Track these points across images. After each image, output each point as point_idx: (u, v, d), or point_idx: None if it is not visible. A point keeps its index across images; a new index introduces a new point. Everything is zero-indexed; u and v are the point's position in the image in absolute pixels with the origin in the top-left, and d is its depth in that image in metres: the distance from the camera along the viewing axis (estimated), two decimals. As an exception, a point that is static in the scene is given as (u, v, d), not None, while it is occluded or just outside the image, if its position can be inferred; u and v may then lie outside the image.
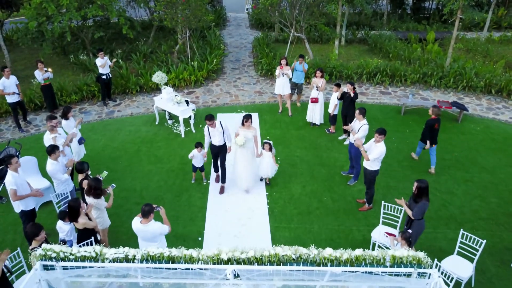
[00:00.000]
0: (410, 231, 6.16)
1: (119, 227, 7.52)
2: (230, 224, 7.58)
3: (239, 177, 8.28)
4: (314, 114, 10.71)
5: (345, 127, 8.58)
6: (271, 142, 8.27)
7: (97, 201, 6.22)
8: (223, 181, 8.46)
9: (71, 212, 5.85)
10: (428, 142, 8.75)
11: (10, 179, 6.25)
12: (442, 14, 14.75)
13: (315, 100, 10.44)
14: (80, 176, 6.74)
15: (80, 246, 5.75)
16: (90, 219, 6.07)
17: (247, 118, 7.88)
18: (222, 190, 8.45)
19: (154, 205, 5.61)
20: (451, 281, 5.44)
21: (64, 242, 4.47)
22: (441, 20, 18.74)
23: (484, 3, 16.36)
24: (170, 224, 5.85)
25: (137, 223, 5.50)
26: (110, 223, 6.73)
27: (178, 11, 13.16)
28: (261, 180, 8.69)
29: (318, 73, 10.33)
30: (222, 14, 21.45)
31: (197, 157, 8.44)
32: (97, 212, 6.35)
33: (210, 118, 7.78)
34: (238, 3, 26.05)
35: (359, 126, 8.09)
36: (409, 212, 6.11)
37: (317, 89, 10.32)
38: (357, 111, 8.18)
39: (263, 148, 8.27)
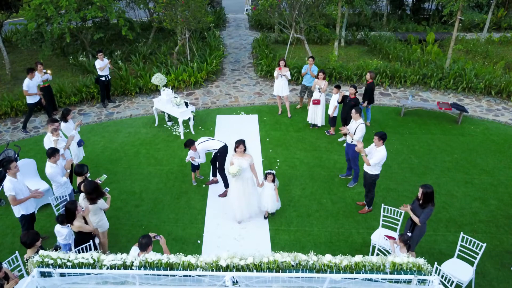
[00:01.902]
0: (409, 234, 6.15)
1: (119, 230, 7.51)
2: (229, 226, 7.56)
3: (233, 209, 7.51)
4: (316, 116, 10.68)
5: (342, 131, 8.51)
6: (274, 172, 7.36)
7: (92, 206, 6.18)
8: (226, 185, 8.35)
9: (68, 214, 5.84)
10: (366, 102, 10.38)
11: (8, 185, 6.21)
12: (442, 15, 14.72)
13: (317, 102, 10.39)
14: (79, 179, 6.72)
15: (77, 251, 5.72)
16: (86, 222, 6.04)
17: (238, 143, 6.91)
18: (224, 194, 8.36)
19: (153, 234, 5.31)
20: (451, 285, 5.43)
21: (56, 248, 4.43)
22: (440, 21, 18.71)
23: (483, 4, 16.31)
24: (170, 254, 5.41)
25: (134, 255, 4.94)
26: (109, 225, 6.71)
27: (177, 12, 13.14)
28: (265, 218, 7.75)
29: (321, 75, 10.27)
30: (222, 15, 21.40)
31: (195, 155, 8.21)
32: (94, 215, 6.32)
33: (188, 144, 8.01)
34: (238, 4, 26.01)
35: (356, 126, 8.07)
36: (416, 219, 6.03)
37: (320, 91, 10.28)
38: (353, 111, 8.14)
39: (265, 179, 7.35)
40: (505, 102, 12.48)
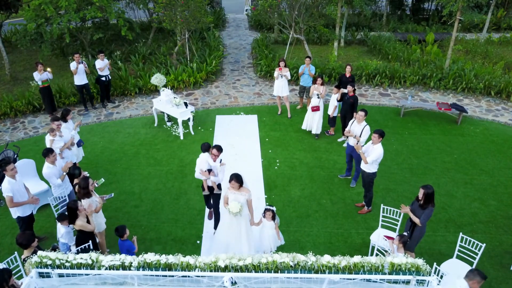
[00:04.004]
0: (405, 233, 6.15)
1: (118, 231, 7.49)
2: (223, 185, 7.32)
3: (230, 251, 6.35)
4: (313, 122, 10.24)
5: (347, 134, 8.40)
6: (274, 208, 6.45)
7: (87, 201, 6.19)
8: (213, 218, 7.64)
9: (70, 213, 5.88)
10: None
11: (6, 186, 6.21)
12: (442, 16, 14.72)
13: (316, 109, 9.99)
14: (75, 181, 6.75)
15: (77, 251, 5.73)
16: (89, 221, 6.05)
17: (230, 179, 6.07)
18: (211, 216, 7.75)
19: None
20: (450, 286, 5.43)
21: (54, 249, 4.42)
22: (440, 21, 18.71)
23: (483, 5, 16.30)
24: None
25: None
26: (106, 227, 6.70)
27: (177, 12, 13.14)
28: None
29: (319, 81, 9.92)
30: (221, 15, 21.40)
31: (214, 169, 6.95)
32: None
33: (219, 148, 6.76)
34: (237, 4, 26.01)
35: (362, 128, 8.03)
36: (416, 220, 6.03)
37: (318, 97, 9.92)
38: (362, 113, 8.02)
39: (264, 216, 6.46)
40: (504, 102, 12.47)
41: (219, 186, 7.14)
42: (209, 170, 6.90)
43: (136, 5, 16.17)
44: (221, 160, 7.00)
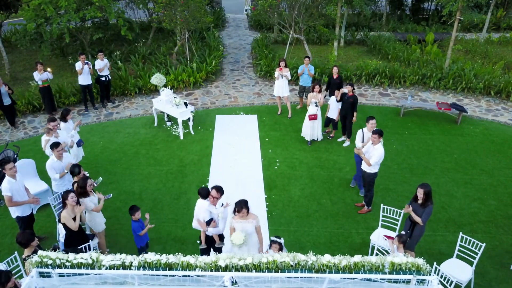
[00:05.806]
0: (403, 232, 6.16)
1: (118, 230, 7.51)
2: (228, 227, 7.53)
3: None
4: (313, 131, 9.95)
5: (360, 149, 7.78)
6: (282, 241, 5.62)
7: (82, 200, 6.20)
8: None
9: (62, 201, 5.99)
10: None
11: (5, 185, 6.22)
12: (441, 16, 14.72)
13: (314, 117, 9.68)
14: (75, 179, 6.76)
15: (64, 250, 5.71)
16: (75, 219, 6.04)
17: (240, 207, 5.51)
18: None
19: None
20: (450, 285, 5.44)
21: (55, 249, 4.43)
22: (440, 21, 18.71)
23: (483, 4, 16.32)
24: None
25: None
26: (105, 227, 6.71)
27: (177, 12, 13.14)
28: None
29: (317, 88, 9.59)
30: (221, 15, 21.39)
31: (213, 215, 6.05)
32: (88, 215, 6.42)
33: (219, 189, 5.82)
34: (237, 4, 26.00)
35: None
36: (418, 220, 6.04)
37: (316, 105, 9.60)
38: (374, 121, 7.70)
39: (270, 247, 5.66)
40: (504, 102, 12.48)
41: (221, 237, 6.22)
42: (211, 220, 5.96)
43: (136, 5, 16.17)
44: (222, 204, 6.06)
